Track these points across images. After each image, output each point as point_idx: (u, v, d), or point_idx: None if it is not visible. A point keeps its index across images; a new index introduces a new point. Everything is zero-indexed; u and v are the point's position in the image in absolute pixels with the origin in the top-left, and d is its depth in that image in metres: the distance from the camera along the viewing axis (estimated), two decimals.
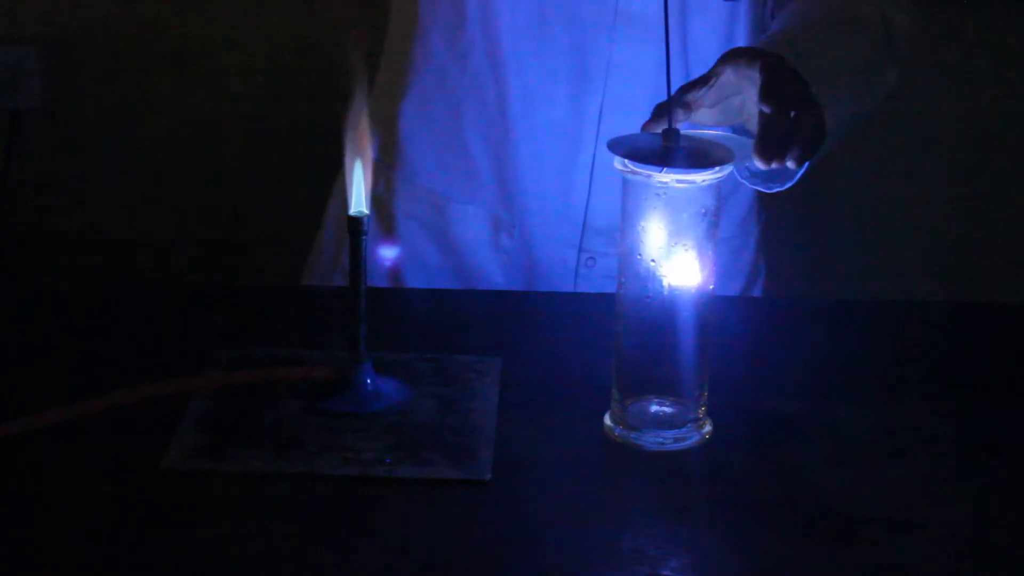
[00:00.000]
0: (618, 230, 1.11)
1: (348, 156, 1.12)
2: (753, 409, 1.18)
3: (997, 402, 1.21)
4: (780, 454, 1.12)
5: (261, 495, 1.05)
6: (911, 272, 2.18)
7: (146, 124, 2.16)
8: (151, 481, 1.05)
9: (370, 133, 1.13)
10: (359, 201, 1.11)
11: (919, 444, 1.14)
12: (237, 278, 2.15)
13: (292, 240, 1.65)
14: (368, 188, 1.12)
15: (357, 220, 1.11)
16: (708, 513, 1.05)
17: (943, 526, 1.04)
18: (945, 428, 1.17)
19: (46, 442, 1.10)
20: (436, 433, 1.12)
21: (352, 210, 1.11)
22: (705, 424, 1.13)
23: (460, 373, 1.21)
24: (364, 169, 1.12)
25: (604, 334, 1.17)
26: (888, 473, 1.10)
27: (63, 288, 1.41)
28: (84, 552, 0.98)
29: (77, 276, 2.16)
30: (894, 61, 1.36)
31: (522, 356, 1.25)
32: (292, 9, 2.12)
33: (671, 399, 1.13)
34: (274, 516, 1.02)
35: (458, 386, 1.19)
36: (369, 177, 1.12)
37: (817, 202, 1.29)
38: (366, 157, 1.12)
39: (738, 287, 1.54)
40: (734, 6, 1.40)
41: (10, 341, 1.26)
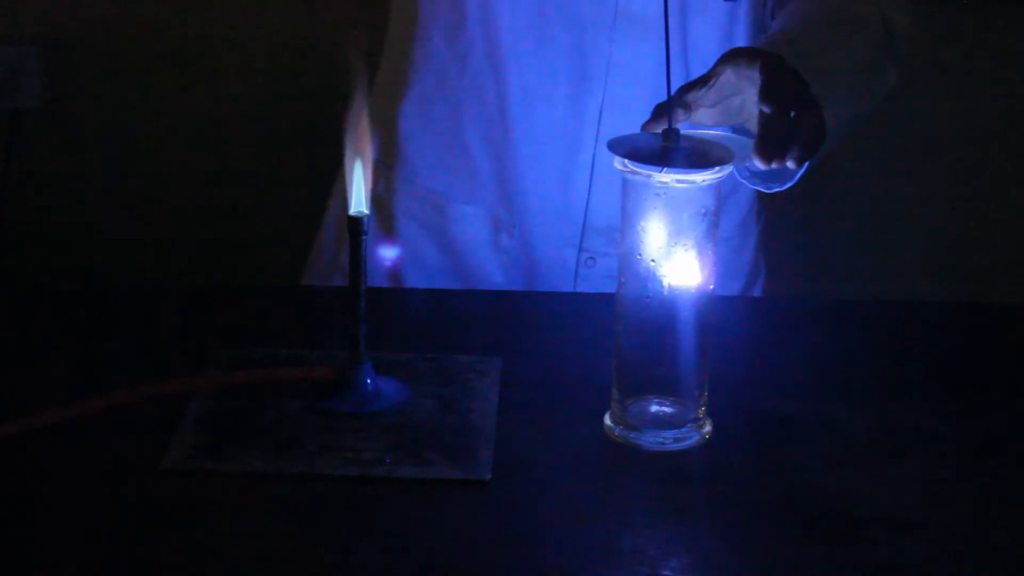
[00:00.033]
0: (618, 230, 1.11)
1: (348, 156, 1.12)
2: (753, 409, 1.18)
3: (997, 402, 1.21)
4: (780, 454, 1.12)
5: (261, 495, 1.05)
6: (911, 272, 2.18)
7: (146, 124, 2.16)
8: (151, 481, 1.05)
9: (370, 133, 1.13)
10: (359, 201, 1.11)
11: (919, 444, 1.15)
12: (237, 278, 2.15)
13: (292, 240, 1.65)
14: (368, 188, 1.12)
15: (357, 220, 1.11)
16: (708, 513, 1.05)
17: (943, 526, 1.04)
18: (945, 428, 1.17)
19: (46, 442, 1.10)
20: (436, 433, 1.12)
21: (352, 210, 1.11)
22: (705, 424, 1.13)
23: (460, 373, 1.21)
24: (364, 169, 1.12)
25: (604, 334, 1.17)
26: (888, 473, 1.10)
27: (63, 288, 1.41)
28: (84, 552, 0.98)
29: (77, 276, 2.16)
30: (894, 61, 1.36)
31: (522, 356, 1.25)
32: (292, 9, 2.12)
33: (671, 399, 1.13)
34: (274, 516, 1.02)
35: (458, 386, 1.19)
36: (369, 177, 1.12)
37: (817, 202, 1.29)
38: (366, 157, 1.12)
39: (738, 287, 1.54)
40: (734, 6, 1.40)
41: (10, 341, 1.26)
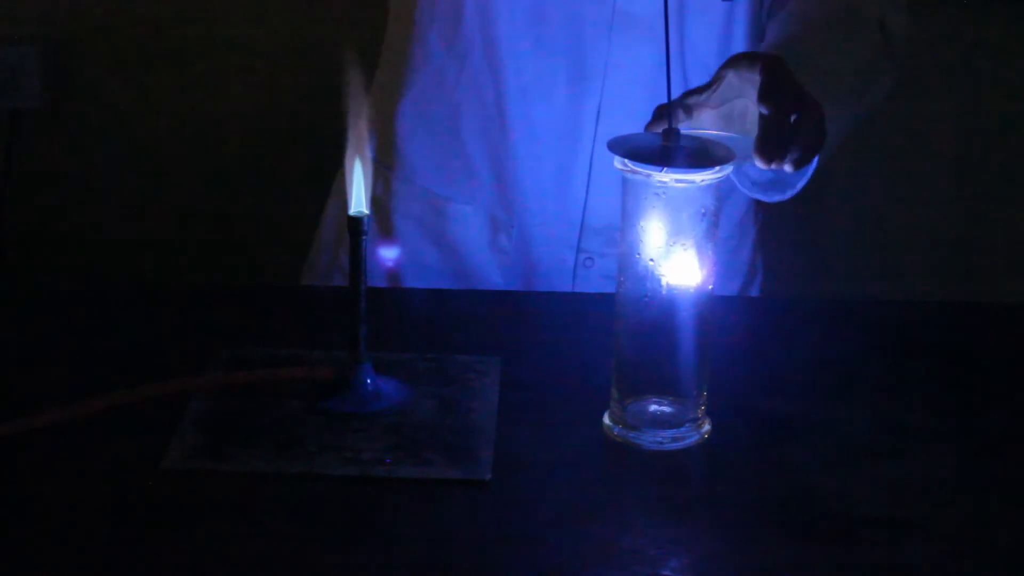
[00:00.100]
0: (616, 230, 1.11)
1: (348, 156, 1.12)
2: (753, 409, 1.18)
3: (997, 402, 1.21)
4: (780, 454, 1.12)
5: (261, 495, 1.05)
6: (910, 272, 2.18)
7: (146, 124, 2.16)
8: (151, 481, 1.05)
9: (370, 133, 1.13)
10: (359, 201, 1.11)
11: (919, 444, 1.15)
12: (237, 278, 2.16)
13: (292, 240, 1.65)
14: (368, 188, 1.12)
15: (357, 220, 1.11)
16: (708, 513, 1.05)
17: (943, 526, 1.04)
18: (945, 428, 1.17)
19: (46, 442, 1.10)
20: (436, 433, 1.12)
21: (352, 210, 1.11)
22: (704, 424, 1.13)
23: (460, 373, 1.21)
24: (364, 169, 1.12)
25: (604, 334, 1.17)
26: (888, 473, 1.10)
27: (63, 288, 1.41)
28: (84, 552, 0.98)
29: (77, 276, 2.16)
30: (892, 62, 1.36)
31: (522, 356, 1.25)
32: (292, 9, 2.13)
33: (670, 399, 1.13)
34: (274, 516, 1.03)
35: (458, 386, 1.19)
36: (369, 177, 1.12)
37: (815, 202, 1.29)
38: (366, 157, 1.12)
39: (736, 287, 1.54)
40: (731, 7, 1.40)
41: (10, 341, 1.26)
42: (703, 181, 1.07)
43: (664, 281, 1.09)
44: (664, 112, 1.12)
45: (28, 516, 1.02)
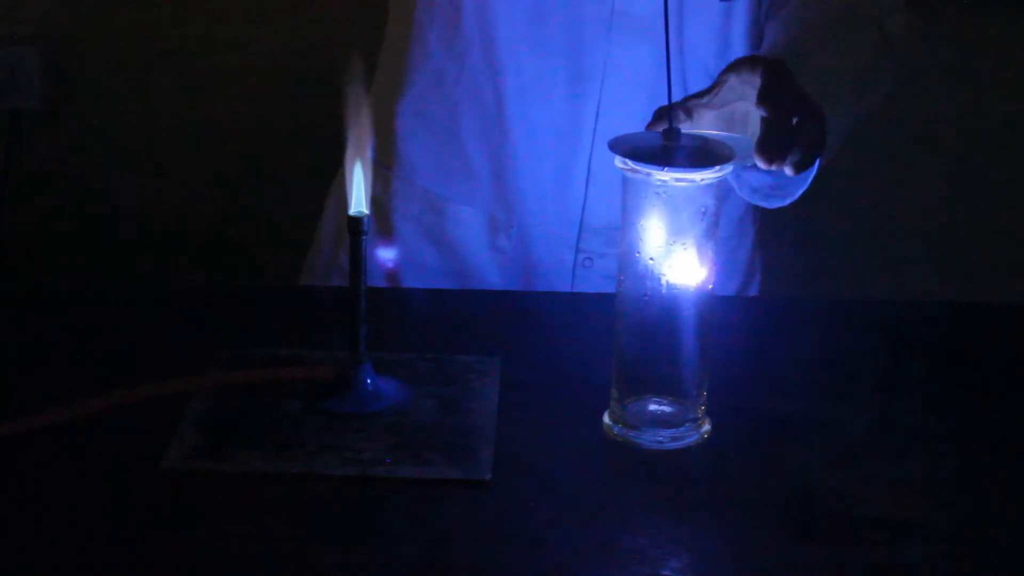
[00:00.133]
0: (615, 230, 1.11)
1: (348, 156, 1.12)
2: (753, 409, 1.18)
3: (997, 402, 1.21)
4: (780, 454, 1.12)
5: (261, 495, 1.05)
6: (909, 272, 2.18)
7: (146, 124, 2.16)
8: (151, 481, 1.05)
9: (370, 133, 1.13)
10: (359, 201, 1.11)
11: (919, 444, 1.15)
12: (237, 278, 2.16)
13: (292, 240, 1.65)
14: (369, 188, 1.12)
15: (357, 220, 1.11)
16: (708, 513, 1.05)
17: (943, 526, 1.04)
18: (945, 428, 1.17)
19: (46, 442, 1.10)
20: (436, 433, 1.12)
21: (352, 210, 1.11)
22: (704, 423, 1.13)
23: (460, 373, 1.21)
24: (364, 169, 1.12)
25: (604, 334, 1.17)
26: (888, 473, 1.10)
27: (63, 288, 1.41)
28: (84, 552, 0.98)
29: (77, 276, 2.16)
30: (891, 63, 1.36)
31: (522, 356, 1.25)
32: (292, 9, 2.13)
33: (670, 398, 1.13)
34: (274, 516, 1.02)
35: (458, 386, 1.19)
36: (370, 177, 1.12)
37: (815, 202, 1.29)
38: (366, 157, 1.12)
39: (735, 286, 1.54)
40: (730, 7, 1.40)
41: (10, 341, 1.26)
42: (703, 180, 1.07)
43: (664, 280, 1.09)
44: (664, 113, 1.12)
45: (28, 516, 1.02)
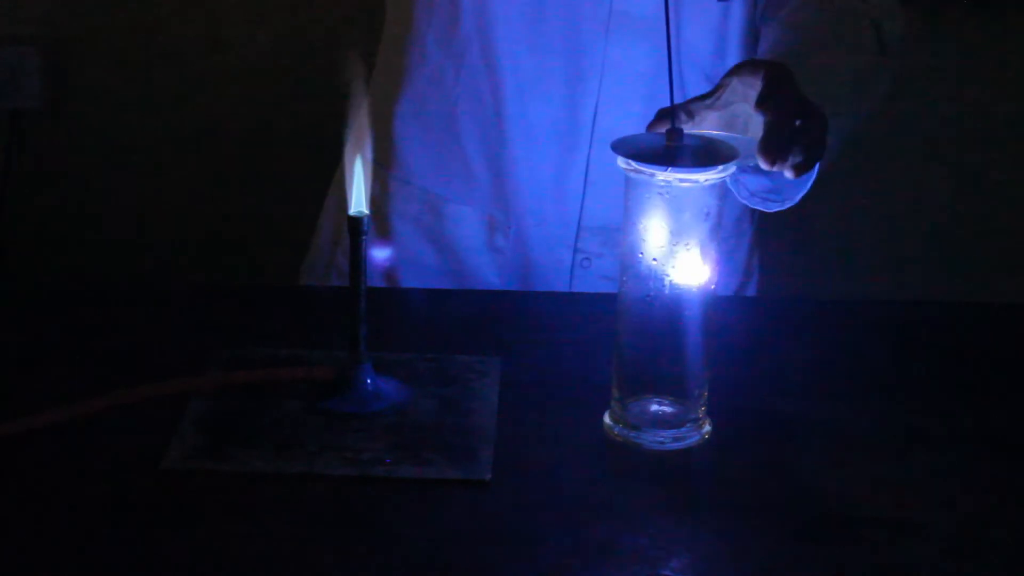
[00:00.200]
0: (613, 230, 1.11)
1: (348, 156, 1.12)
2: (753, 409, 1.18)
3: (997, 402, 1.21)
4: (780, 454, 1.12)
5: (261, 495, 1.05)
6: (910, 272, 2.18)
7: (146, 124, 2.16)
8: (151, 481, 1.05)
9: (370, 133, 1.13)
10: (359, 201, 1.11)
11: (919, 444, 1.15)
12: (237, 278, 2.16)
13: (292, 240, 1.65)
14: (368, 188, 1.12)
15: (357, 220, 1.11)
16: (708, 513, 1.05)
17: (943, 526, 1.04)
18: (945, 428, 1.17)
19: (46, 442, 1.10)
20: (436, 433, 1.12)
21: (352, 210, 1.11)
22: (705, 424, 1.13)
23: (460, 373, 1.21)
24: (364, 169, 1.12)
25: (604, 334, 1.17)
26: (888, 473, 1.10)
27: (63, 288, 1.41)
28: (84, 552, 0.98)
29: (77, 276, 2.16)
30: (889, 64, 1.36)
31: (522, 356, 1.25)
32: (292, 9, 2.13)
33: (671, 399, 1.13)
34: (274, 516, 1.02)
35: (458, 386, 1.19)
36: (369, 177, 1.12)
37: (813, 202, 1.29)
38: (366, 157, 1.12)
39: (732, 287, 1.54)
40: (727, 7, 1.40)
41: (10, 341, 1.26)
42: (707, 180, 1.07)
43: (667, 281, 1.09)
44: (666, 114, 1.12)
45: (28, 516, 1.02)
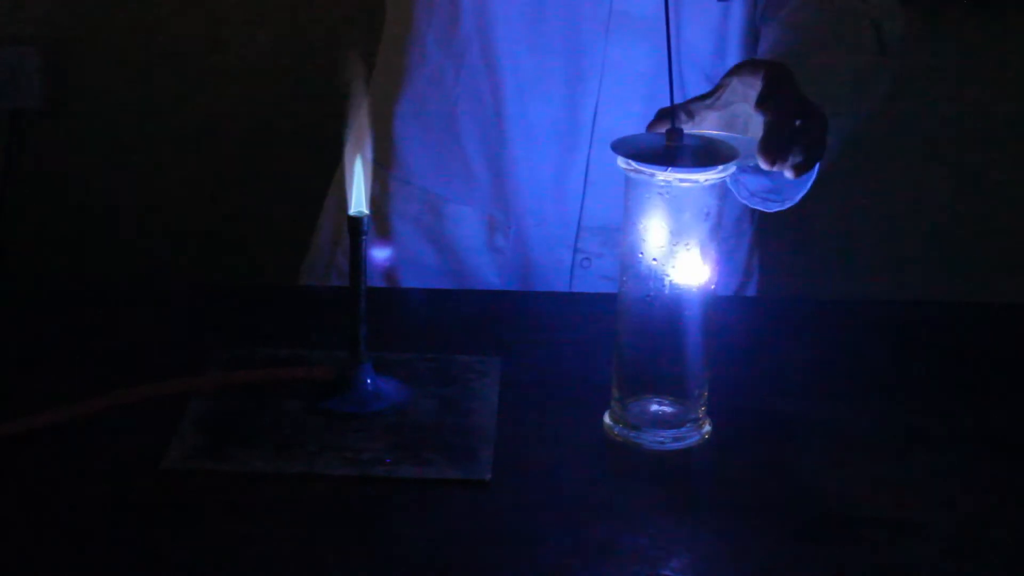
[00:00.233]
0: (613, 230, 1.11)
1: (348, 156, 1.12)
2: (753, 409, 1.18)
3: (997, 402, 1.21)
4: (780, 454, 1.12)
5: (261, 495, 1.05)
6: (910, 272, 2.18)
7: (146, 124, 2.16)
8: (151, 481, 1.05)
9: (370, 133, 1.13)
10: (359, 201, 1.11)
11: (919, 444, 1.15)
12: (237, 278, 2.16)
13: (292, 240, 1.65)
14: (369, 188, 1.12)
15: (357, 220, 1.11)
16: (708, 513, 1.05)
17: (943, 526, 1.04)
18: (945, 428, 1.17)
19: (46, 442, 1.10)
20: (436, 433, 1.12)
21: (352, 210, 1.11)
22: (705, 424, 1.13)
23: (460, 373, 1.21)
24: (364, 169, 1.12)
25: (604, 334, 1.17)
26: (888, 473, 1.10)
27: (63, 288, 1.41)
28: (84, 552, 0.98)
29: (77, 276, 2.16)
30: (889, 64, 1.36)
31: (522, 356, 1.25)
32: (292, 9, 2.13)
33: (671, 399, 1.13)
34: (274, 516, 1.02)
35: (458, 386, 1.19)
36: (370, 176, 1.12)
37: (813, 202, 1.29)
38: (366, 157, 1.12)
39: (732, 287, 1.54)
40: (727, 7, 1.40)
41: (10, 341, 1.26)
42: (707, 180, 1.07)
43: (667, 281, 1.09)
44: (666, 114, 1.12)
45: (28, 516, 1.02)
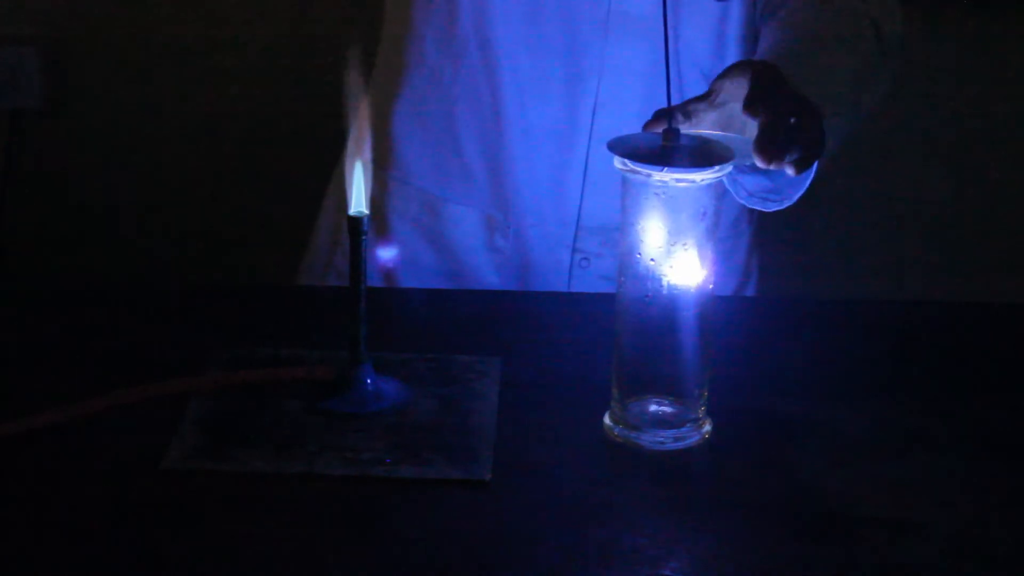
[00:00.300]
0: (612, 230, 1.11)
1: (348, 156, 1.12)
2: (753, 409, 1.18)
3: (997, 402, 1.21)
4: (780, 454, 1.12)
5: (261, 495, 1.05)
6: (910, 272, 2.18)
7: (146, 124, 2.16)
8: (151, 481, 1.06)
9: (369, 133, 1.13)
10: (359, 201, 1.11)
11: (919, 444, 1.15)
12: (236, 278, 2.16)
13: (292, 240, 1.65)
14: (368, 188, 1.12)
15: (357, 220, 1.11)
16: (708, 513, 1.05)
17: (943, 526, 1.04)
18: (945, 428, 1.17)
19: (46, 442, 1.10)
20: (436, 433, 1.12)
21: (352, 210, 1.11)
22: (705, 424, 1.13)
23: (460, 373, 1.21)
24: (364, 169, 1.12)
25: (603, 334, 1.17)
26: (888, 473, 1.10)
27: (63, 288, 1.41)
28: (84, 552, 0.98)
29: (77, 276, 2.16)
30: (888, 64, 1.36)
31: (522, 356, 1.25)
32: (292, 9, 2.13)
33: (671, 399, 1.13)
34: (274, 516, 1.03)
35: (458, 386, 1.19)
36: (369, 177, 1.12)
37: (812, 202, 1.29)
38: (366, 157, 1.12)
39: (731, 287, 1.54)
40: (725, 7, 1.40)
41: (10, 341, 1.26)
42: (703, 180, 1.07)
43: (665, 281, 1.09)
44: (663, 114, 1.12)
45: (28, 516, 1.02)
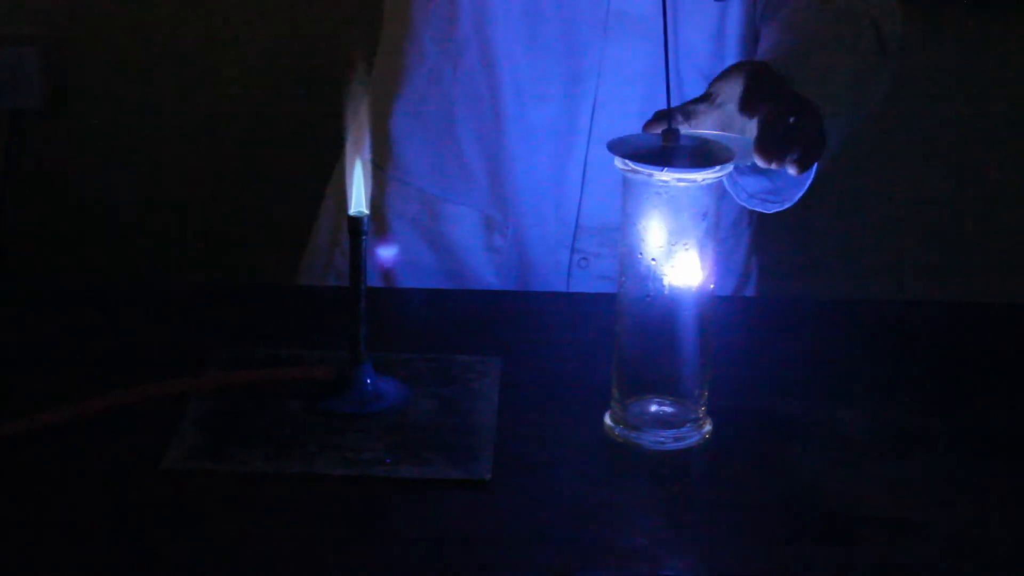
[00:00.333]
0: (611, 230, 1.11)
1: (348, 156, 1.12)
2: (753, 409, 1.18)
3: (997, 402, 1.21)
4: (780, 454, 1.12)
5: (261, 495, 1.05)
6: (910, 272, 2.18)
7: (146, 124, 2.16)
8: (151, 481, 1.05)
9: (369, 133, 1.13)
10: (359, 201, 1.11)
11: (919, 444, 1.15)
12: (236, 277, 2.16)
13: (292, 240, 1.65)
14: (368, 188, 1.12)
15: (357, 220, 1.11)
16: (708, 513, 1.05)
17: (943, 526, 1.04)
18: (945, 428, 1.17)
19: (46, 442, 1.10)
20: (436, 433, 1.12)
21: (352, 210, 1.11)
22: (705, 424, 1.13)
23: (460, 373, 1.21)
24: (364, 169, 1.12)
25: (603, 334, 1.17)
26: (888, 473, 1.10)
27: (63, 288, 1.41)
28: (84, 552, 0.98)
29: (77, 276, 2.16)
30: (888, 64, 1.36)
31: (522, 356, 1.25)
32: (292, 9, 2.13)
33: (671, 399, 1.13)
34: (274, 516, 1.02)
35: (458, 386, 1.19)
36: (369, 177, 1.12)
37: (811, 203, 1.30)
38: (365, 157, 1.12)
39: (730, 287, 1.54)
40: (725, 7, 1.40)
41: (10, 341, 1.26)
42: (704, 180, 1.07)
43: (666, 282, 1.09)
44: (664, 115, 1.12)
45: (28, 516, 1.02)
